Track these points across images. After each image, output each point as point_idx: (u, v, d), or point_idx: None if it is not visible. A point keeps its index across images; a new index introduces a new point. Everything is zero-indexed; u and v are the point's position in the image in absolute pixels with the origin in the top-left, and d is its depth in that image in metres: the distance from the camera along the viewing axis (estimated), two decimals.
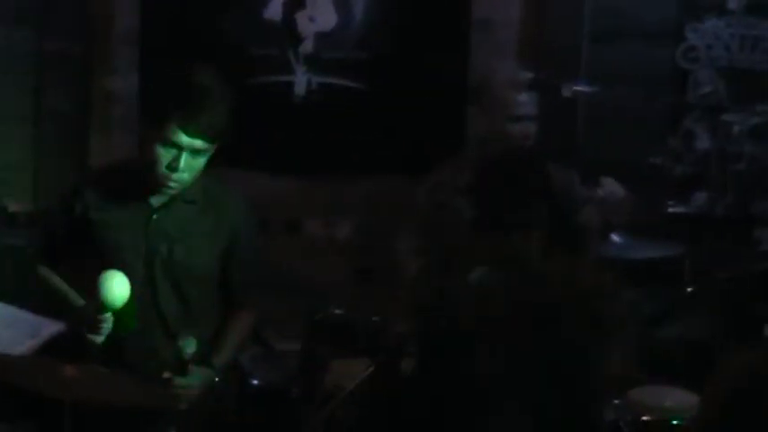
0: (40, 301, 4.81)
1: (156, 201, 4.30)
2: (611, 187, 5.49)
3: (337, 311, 5.23)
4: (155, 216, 4.29)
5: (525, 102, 5.36)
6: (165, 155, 4.13)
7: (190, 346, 4.14)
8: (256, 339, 5.08)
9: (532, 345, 3.89)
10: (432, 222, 5.11)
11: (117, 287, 4.04)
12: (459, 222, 4.55)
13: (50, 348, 4.60)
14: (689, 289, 5.62)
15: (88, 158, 6.31)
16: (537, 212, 4.18)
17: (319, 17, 6.22)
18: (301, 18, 6.18)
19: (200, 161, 4.22)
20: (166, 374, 4.07)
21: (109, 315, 4.08)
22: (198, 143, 4.12)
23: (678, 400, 4.58)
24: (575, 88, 5.91)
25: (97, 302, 4.05)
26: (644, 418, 4.51)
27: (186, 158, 4.17)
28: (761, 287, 5.67)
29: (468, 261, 4.22)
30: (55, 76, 6.40)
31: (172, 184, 4.21)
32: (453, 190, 4.88)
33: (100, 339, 4.13)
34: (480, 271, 3.99)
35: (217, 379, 4.33)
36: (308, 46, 6.22)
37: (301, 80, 6.32)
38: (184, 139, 4.09)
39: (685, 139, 6.35)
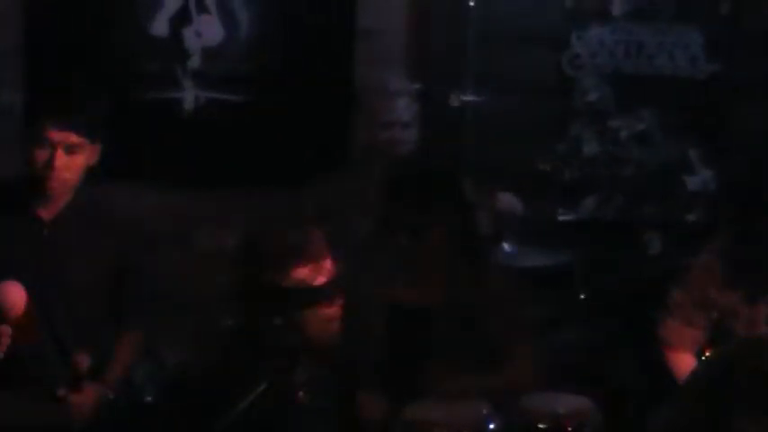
0: None
1: (45, 214, 4.47)
2: (508, 201, 5.75)
3: (228, 323, 5.35)
4: (45, 232, 4.44)
5: (399, 108, 5.61)
6: (41, 154, 4.33)
7: (83, 363, 4.22)
8: (148, 353, 5.06)
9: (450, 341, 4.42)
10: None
11: (12, 295, 4.02)
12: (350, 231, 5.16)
13: None
14: (581, 296, 5.75)
15: None
16: (446, 218, 4.65)
17: (206, 32, 6.27)
18: (188, 33, 6.24)
19: (78, 159, 4.43)
20: (61, 391, 4.17)
21: (6, 327, 3.97)
22: (71, 138, 4.34)
23: (571, 405, 4.35)
24: (462, 97, 6.02)
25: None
26: (540, 425, 4.25)
27: (62, 156, 4.36)
28: (651, 291, 5.30)
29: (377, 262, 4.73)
30: None
31: (54, 184, 4.40)
32: (344, 197, 5.46)
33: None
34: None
35: (110, 395, 4.44)
36: (195, 61, 6.27)
37: (189, 95, 6.36)
38: (56, 134, 4.31)
39: (573, 146, 6.43)
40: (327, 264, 3.81)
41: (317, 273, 3.78)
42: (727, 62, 6.41)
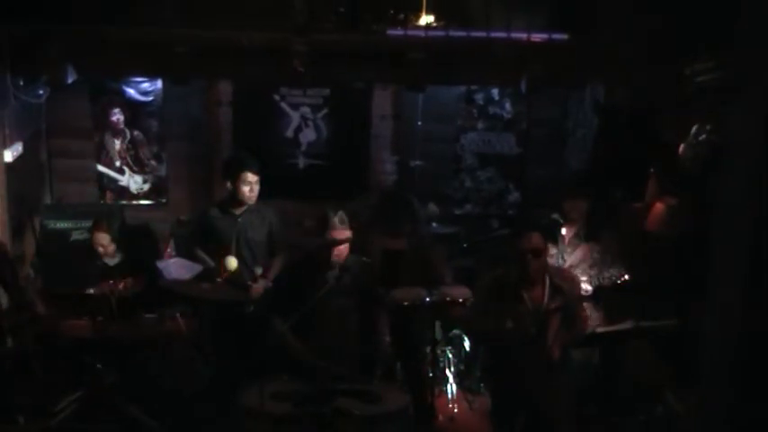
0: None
1: (238, 212, 6.57)
2: (433, 207, 8.25)
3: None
4: (239, 219, 6.58)
5: (390, 169, 8.72)
6: (246, 186, 6.46)
7: (257, 271, 6.42)
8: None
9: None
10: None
11: (233, 264, 6.17)
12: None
13: (196, 276, 6.32)
14: (464, 245, 8.05)
15: None
16: (409, 222, 6.90)
17: (308, 135, 8.72)
18: (301, 135, 8.73)
19: (257, 187, 6.50)
20: (248, 283, 6.30)
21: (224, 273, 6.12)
22: (255, 179, 6.47)
23: (461, 290, 6.27)
24: (414, 162, 8.71)
25: (222, 269, 6.13)
26: (447, 298, 6.19)
27: (250, 187, 6.46)
28: (492, 241, 7.82)
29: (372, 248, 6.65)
30: None
31: (250, 199, 6.46)
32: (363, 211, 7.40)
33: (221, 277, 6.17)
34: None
35: (269, 284, 6.44)
36: (303, 147, 8.75)
37: (301, 161, 8.81)
38: (250, 176, 6.46)
39: (460, 182, 8.94)
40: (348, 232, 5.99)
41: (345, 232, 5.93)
42: (525, 148, 8.85)
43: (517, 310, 5.32)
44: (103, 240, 6.90)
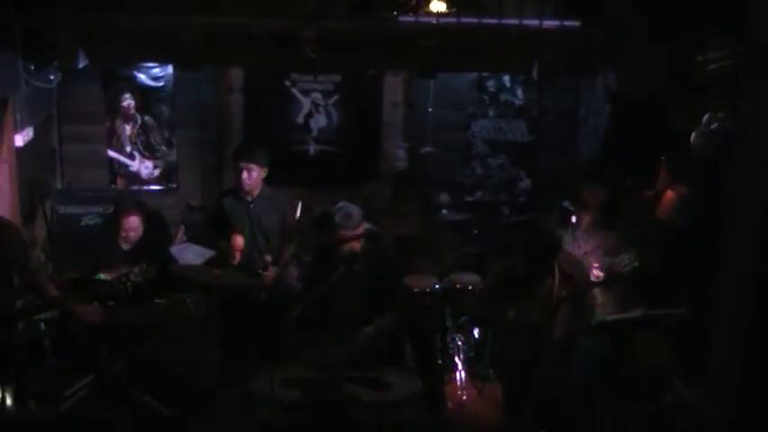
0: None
1: (250, 198, 6.64)
2: (445, 197, 8.07)
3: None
4: (251, 206, 6.66)
5: (401, 156, 8.72)
6: (244, 173, 6.47)
7: (268, 259, 6.50)
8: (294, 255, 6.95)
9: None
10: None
11: (239, 240, 6.45)
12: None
13: (208, 262, 6.44)
14: (475, 231, 8.16)
15: None
16: (419, 208, 7.03)
17: (319, 121, 8.73)
18: (311, 121, 8.74)
19: (254, 175, 6.54)
20: (259, 271, 6.43)
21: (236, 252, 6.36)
22: (251, 166, 6.52)
23: (470, 277, 6.57)
24: (425, 149, 8.73)
25: (231, 247, 6.38)
26: (457, 285, 6.44)
27: (248, 174, 6.51)
28: (503, 229, 7.95)
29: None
30: None
31: (246, 187, 6.56)
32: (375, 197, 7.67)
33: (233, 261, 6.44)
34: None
35: (279, 271, 6.59)
36: (314, 133, 8.77)
37: (311, 148, 8.83)
38: (245, 165, 6.49)
39: (471, 170, 8.96)
40: (361, 227, 5.75)
41: (356, 230, 5.67)
42: (537, 135, 8.82)
43: (524, 299, 5.34)
44: (134, 223, 6.70)
